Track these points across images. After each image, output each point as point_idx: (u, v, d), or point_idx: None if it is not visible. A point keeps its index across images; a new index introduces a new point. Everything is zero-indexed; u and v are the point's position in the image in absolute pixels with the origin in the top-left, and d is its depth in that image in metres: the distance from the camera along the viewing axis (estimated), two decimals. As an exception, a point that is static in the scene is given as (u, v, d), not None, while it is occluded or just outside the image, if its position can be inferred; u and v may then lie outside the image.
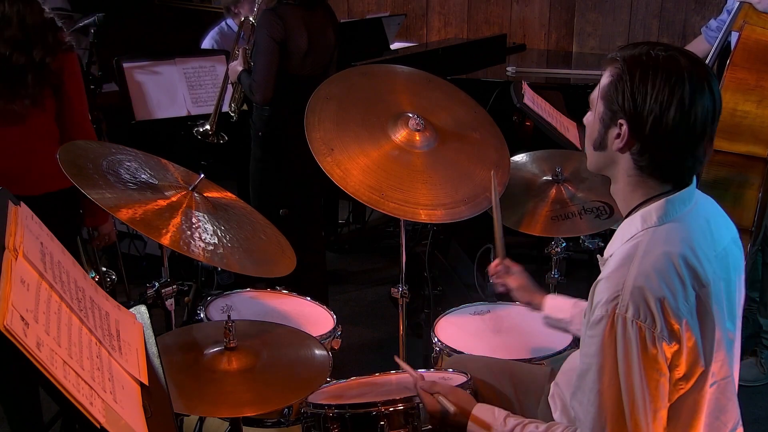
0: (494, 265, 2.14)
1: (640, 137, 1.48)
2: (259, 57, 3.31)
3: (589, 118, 1.60)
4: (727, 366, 1.54)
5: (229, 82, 3.63)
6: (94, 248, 3.16)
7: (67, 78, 2.59)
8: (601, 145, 1.56)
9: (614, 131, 1.51)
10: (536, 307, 2.09)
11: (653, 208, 1.52)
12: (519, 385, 2.02)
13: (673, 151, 1.48)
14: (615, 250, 1.54)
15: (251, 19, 3.58)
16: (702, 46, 3.50)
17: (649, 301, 1.41)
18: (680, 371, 1.46)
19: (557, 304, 2.05)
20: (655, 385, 1.43)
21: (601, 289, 1.47)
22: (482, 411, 1.75)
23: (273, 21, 3.28)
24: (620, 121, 1.49)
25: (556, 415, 1.79)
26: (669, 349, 1.42)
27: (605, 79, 1.52)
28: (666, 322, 1.41)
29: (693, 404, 1.50)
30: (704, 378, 1.49)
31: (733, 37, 2.94)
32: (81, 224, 2.82)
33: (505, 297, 2.56)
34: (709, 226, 1.56)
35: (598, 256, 1.63)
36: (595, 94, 1.56)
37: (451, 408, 1.75)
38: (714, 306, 1.48)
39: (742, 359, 3.34)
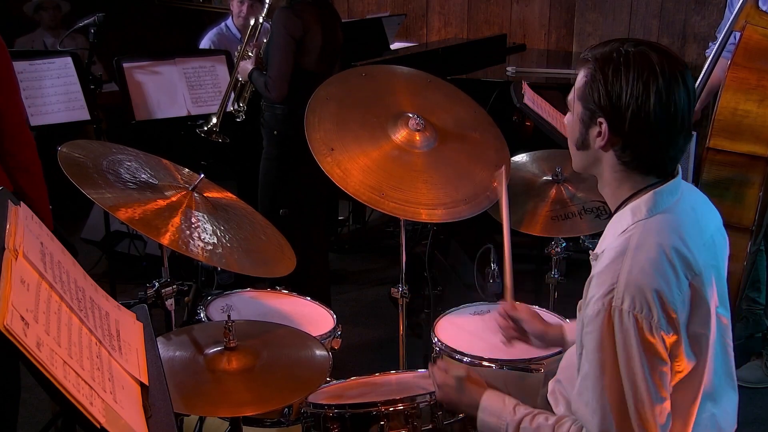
0: (505, 311, 1.97)
1: (621, 134, 1.49)
2: (275, 53, 3.30)
3: (568, 119, 1.62)
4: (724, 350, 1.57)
5: (240, 80, 3.61)
6: None
7: None
8: (583, 144, 1.58)
9: (595, 130, 1.53)
10: (551, 338, 1.95)
11: (642, 201, 1.53)
12: (513, 393, 2.01)
13: (654, 144, 1.50)
14: (607, 245, 1.55)
15: (261, 19, 3.58)
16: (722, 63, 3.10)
17: (646, 293, 1.42)
18: (679, 360, 1.47)
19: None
20: (658, 374, 1.43)
21: (596, 284, 1.48)
22: (493, 396, 1.73)
23: (292, 18, 3.29)
24: (599, 119, 1.51)
25: (558, 410, 1.79)
26: (668, 339, 1.44)
27: (580, 80, 1.54)
28: (663, 312, 1.42)
29: (691, 391, 1.51)
30: (702, 365, 1.51)
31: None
32: None
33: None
34: (696, 215, 1.58)
35: (591, 252, 1.63)
36: (572, 96, 1.58)
37: (463, 373, 1.77)
38: (708, 293, 1.50)
39: (747, 361, 3.37)
